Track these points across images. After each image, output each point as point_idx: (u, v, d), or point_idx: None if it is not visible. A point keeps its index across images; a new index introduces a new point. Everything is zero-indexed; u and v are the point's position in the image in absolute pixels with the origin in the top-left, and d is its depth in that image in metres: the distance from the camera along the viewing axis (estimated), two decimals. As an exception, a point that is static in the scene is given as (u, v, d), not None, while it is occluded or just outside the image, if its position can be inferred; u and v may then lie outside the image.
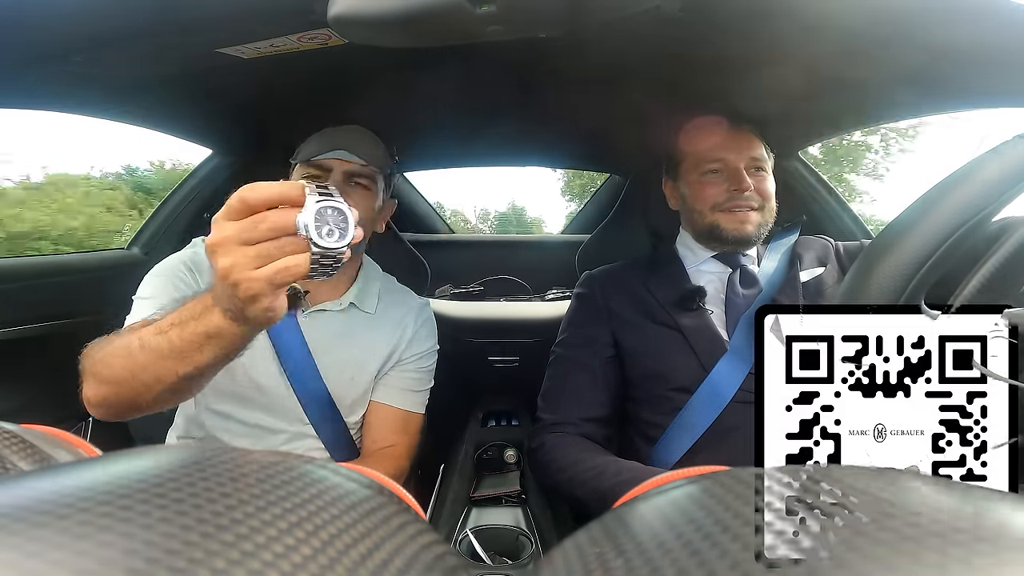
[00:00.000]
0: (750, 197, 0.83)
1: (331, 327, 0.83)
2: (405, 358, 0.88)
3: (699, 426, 0.76)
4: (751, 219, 0.84)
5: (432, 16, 0.51)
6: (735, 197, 0.83)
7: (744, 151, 0.85)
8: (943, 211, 0.40)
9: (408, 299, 0.94)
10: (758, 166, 0.85)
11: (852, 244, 0.92)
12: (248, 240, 0.42)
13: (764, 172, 0.86)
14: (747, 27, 0.65)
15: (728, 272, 0.87)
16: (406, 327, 0.88)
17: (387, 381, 0.87)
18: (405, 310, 0.91)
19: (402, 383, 0.88)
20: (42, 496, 0.16)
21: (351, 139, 0.81)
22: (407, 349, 0.88)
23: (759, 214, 0.84)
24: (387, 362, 0.87)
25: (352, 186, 0.80)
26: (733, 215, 0.84)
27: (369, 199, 0.82)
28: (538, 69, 0.82)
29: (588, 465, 0.74)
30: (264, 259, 0.42)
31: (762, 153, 0.86)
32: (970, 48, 0.62)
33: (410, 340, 0.88)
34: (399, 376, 0.88)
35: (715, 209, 0.85)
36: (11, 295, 1.02)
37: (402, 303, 0.92)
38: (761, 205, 0.85)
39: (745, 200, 0.83)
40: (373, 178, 0.82)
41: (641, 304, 0.87)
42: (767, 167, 0.87)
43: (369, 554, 0.16)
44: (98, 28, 0.61)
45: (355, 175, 0.80)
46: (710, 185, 0.85)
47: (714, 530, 0.18)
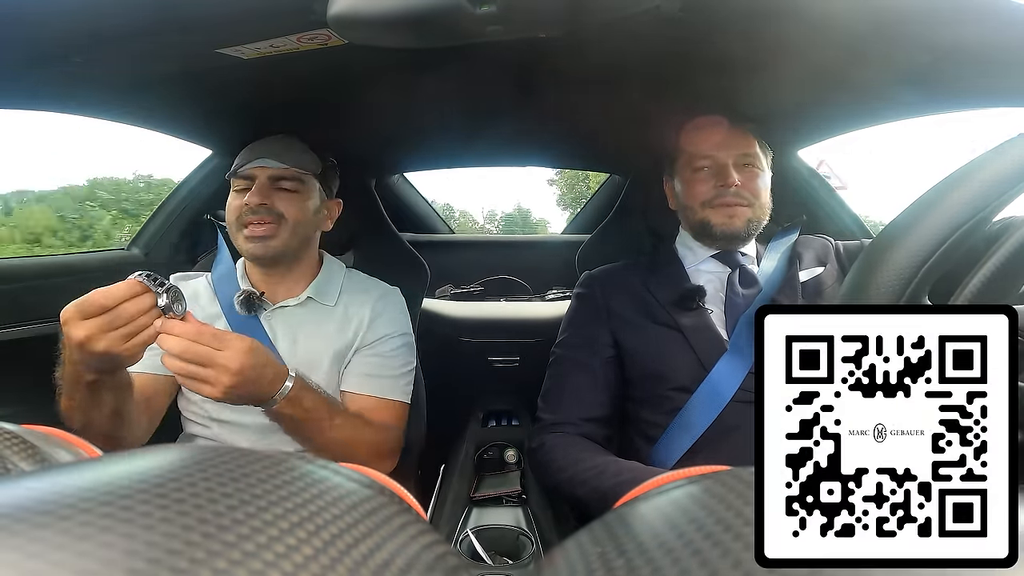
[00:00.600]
0: (737, 193, 0.83)
1: (290, 321, 0.87)
2: (366, 343, 0.88)
3: (699, 426, 0.76)
4: (739, 214, 0.84)
5: (432, 16, 0.51)
6: (722, 193, 0.84)
7: (732, 148, 0.85)
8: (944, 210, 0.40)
9: (371, 288, 0.94)
10: (747, 162, 0.85)
11: (852, 243, 0.92)
12: (112, 326, 0.58)
13: (755, 169, 0.85)
14: (748, 27, 0.65)
15: (727, 272, 0.87)
16: (364, 314, 0.89)
17: (350, 369, 0.88)
18: (365, 298, 0.91)
19: (365, 368, 0.87)
20: (43, 496, 0.16)
21: (274, 147, 0.86)
22: (367, 334, 0.88)
23: (749, 210, 0.84)
24: (349, 350, 0.87)
25: (276, 190, 0.85)
26: (721, 210, 0.84)
27: (297, 200, 0.86)
28: (538, 69, 0.82)
29: (588, 464, 0.74)
30: (128, 336, 0.59)
31: (754, 150, 0.86)
32: (974, 47, 0.61)
33: (369, 324, 0.88)
34: (361, 362, 0.88)
35: (705, 205, 0.85)
36: (11, 295, 1.02)
37: (364, 292, 0.93)
38: (751, 201, 0.84)
39: (732, 196, 0.83)
40: (300, 180, 0.87)
41: (641, 304, 0.87)
42: (760, 164, 0.86)
43: (370, 554, 0.16)
44: (98, 27, 0.60)
45: (279, 179, 0.85)
46: (699, 182, 0.86)
47: (715, 529, 0.18)
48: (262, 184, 0.84)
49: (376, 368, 0.88)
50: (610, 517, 0.22)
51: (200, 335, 0.62)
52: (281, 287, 0.89)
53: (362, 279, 0.96)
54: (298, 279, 0.90)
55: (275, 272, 0.89)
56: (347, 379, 0.88)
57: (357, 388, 0.87)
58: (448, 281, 1.66)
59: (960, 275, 0.40)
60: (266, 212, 0.83)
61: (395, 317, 0.92)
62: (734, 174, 0.83)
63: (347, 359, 0.88)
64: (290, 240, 0.85)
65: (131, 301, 0.59)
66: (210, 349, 0.62)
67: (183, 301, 0.63)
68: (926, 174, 3.76)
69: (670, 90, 0.90)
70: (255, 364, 0.65)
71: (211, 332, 0.63)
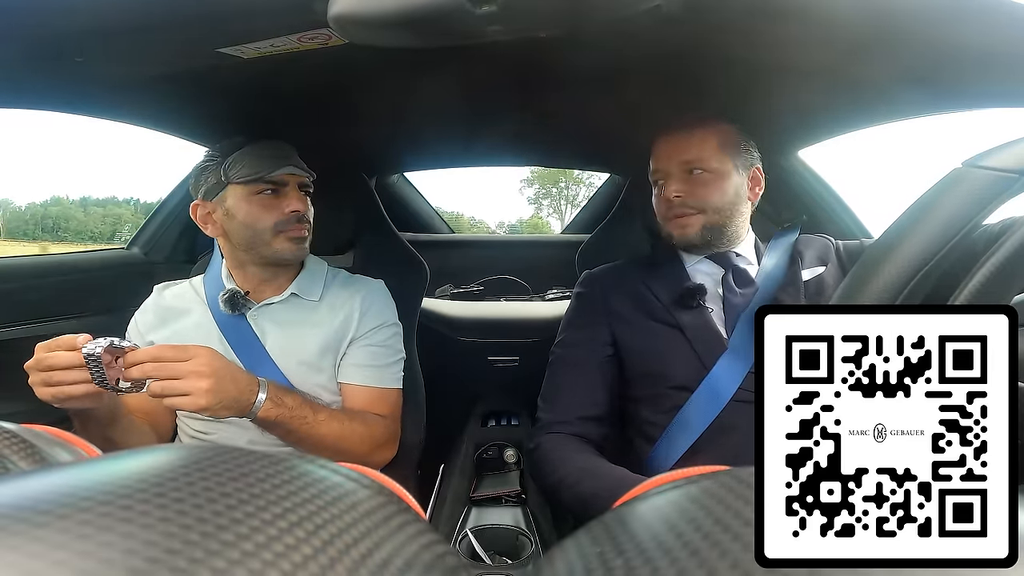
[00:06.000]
0: (683, 203, 0.82)
1: (275, 317, 0.89)
2: (360, 335, 0.90)
3: (698, 425, 0.76)
4: (691, 223, 0.83)
5: (432, 16, 0.51)
6: (669, 207, 0.84)
7: (674, 156, 0.83)
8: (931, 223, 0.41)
9: (357, 282, 0.96)
10: (692, 167, 0.82)
11: (852, 243, 0.92)
12: (35, 369, 0.63)
13: (705, 173, 0.82)
14: (749, 27, 0.64)
15: (722, 273, 0.87)
16: (354, 306, 0.90)
17: (347, 360, 0.89)
18: (352, 291, 0.93)
19: (362, 359, 0.90)
20: (43, 496, 0.16)
21: (285, 152, 0.88)
22: (360, 325, 0.90)
23: (702, 216, 0.82)
24: (339, 342, 0.89)
25: (304, 195, 0.88)
26: (673, 222, 0.84)
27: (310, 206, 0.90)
28: (538, 69, 0.82)
29: (572, 468, 0.74)
30: (46, 383, 0.63)
31: (700, 154, 0.82)
32: (975, 47, 0.61)
33: (362, 316, 0.90)
34: (358, 353, 0.90)
35: (664, 219, 0.86)
36: (11, 295, 1.02)
37: (349, 285, 0.95)
38: (701, 208, 0.82)
39: (678, 207, 0.83)
40: (312, 185, 0.91)
41: (641, 303, 0.87)
42: (710, 166, 0.82)
43: (369, 554, 0.16)
44: (98, 26, 0.60)
45: (304, 186, 0.89)
46: (656, 197, 0.87)
47: (714, 530, 0.18)
48: (296, 190, 0.87)
49: (371, 358, 0.90)
50: (609, 517, 0.22)
51: (161, 353, 0.65)
52: (270, 286, 0.90)
53: (345, 276, 0.98)
54: (284, 278, 0.91)
55: (272, 272, 0.90)
56: (344, 371, 0.89)
57: (354, 379, 0.89)
58: (448, 281, 1.66)
59: (960, 275, 0.40)
60: (305, 219, 0.87)
61: (384, 308, 0.94)
62: (673, 185, 0.82)
63: (341, 351, 0.89)
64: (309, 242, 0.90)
65: (55, 354, 0.63)
66: (176, 362, 0.65)
67: (125, 343, 0.66)
68: (926, 174, 3.76)
69: (670, 90, 0.90)
70: (225, 365, 0.68)
71: (170, 347, 0.66)
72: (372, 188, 1.22)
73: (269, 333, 0.87)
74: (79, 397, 0.64)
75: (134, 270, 1.23)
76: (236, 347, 0.85)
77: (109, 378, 0.63)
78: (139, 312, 0.91)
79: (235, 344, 0.85)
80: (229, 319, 0.86)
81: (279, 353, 0.86)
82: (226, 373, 0.67)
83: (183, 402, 0.64)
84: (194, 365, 0.65)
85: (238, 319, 0.87)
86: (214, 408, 0.66)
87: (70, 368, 0.62)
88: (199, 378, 0.64)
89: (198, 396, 0.64)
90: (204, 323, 0.87)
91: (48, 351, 0.63)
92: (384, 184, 1.81)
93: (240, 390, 0.69)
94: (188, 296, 0.92)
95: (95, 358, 0.62)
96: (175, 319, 0.88)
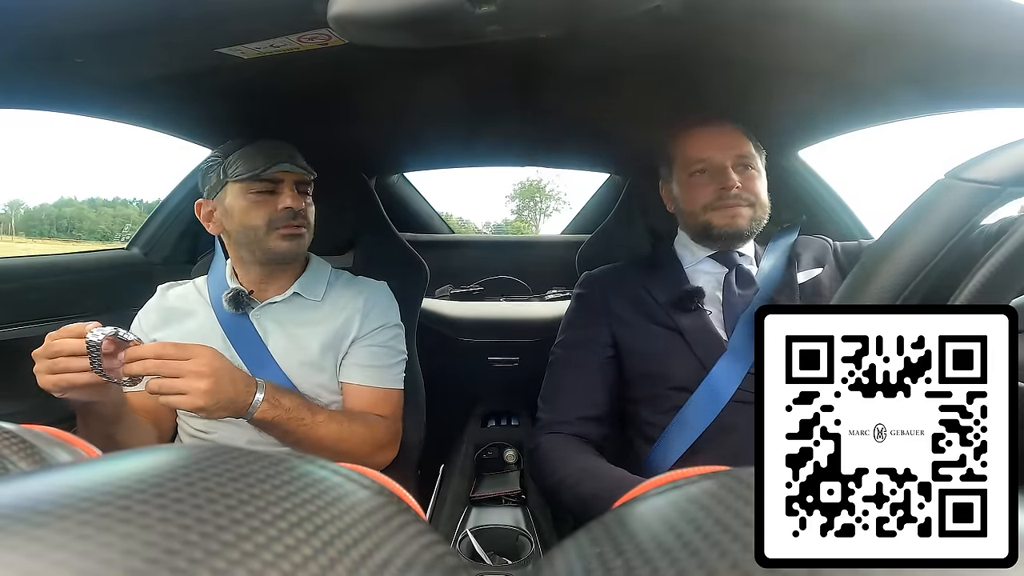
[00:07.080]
0: (738, 195, 0.83)
1: (277, 316, 0.89)
2: (363, 335, 0.90)
3: (698, 426, 0.76)
4: (742, 214, 0.84)
5: (432, 16, 0.51)
6: (723, 196, 0.83)
7: (729, 149, 0.85)
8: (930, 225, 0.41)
9: (360, 283, 0.96)
10: (745, 164, 0.85)
11: (850, 244, 0.92)
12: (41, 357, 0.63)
13: (753, 170, 0.85)
14: (748, 27, 0.64)
15: (724, 272, 0.87)
16: (357, 306, 0.90)
17: (349, 360, 0.89)
18: (355, 292, 0.93)
19: (364, 359, 0.89)
20: (42, 496, 0.16)
21: (284, 151, 0.87)
22: (363, 326, 0.90)
23: (751, 210, 0.84)
24: (342, 341, 0.89)
25: (302, 194, 0.88)
26: (724, 212, 0.84)
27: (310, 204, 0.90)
28: (538, 69, 0.82)
29: (571, 468, 0.74)
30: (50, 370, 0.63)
31: (749, 151, 0.86)
32: (974, 47, 0.61)
33: (364, 316, 0.90)
34: (360, 353, 0.90)
35: (707, 208, 0.85)
36: (11, 295, 1.02)
37: (353, 286, 0.95)
38: (752, 202, 0.84)
39: (733, 198, 0.83)
40: (311, 183, 0.90)
41: (640, 304, 0.87)
42: (756, 164, 0.86)
43: (369, 554, 0.16)
44: (98, 27, 0.60)
45: (299, 182, 0.88)
46: (699, 186, 0.86)
47: (714, 530, 0.18)
48: (291, 188, 0.86)
49: (373, 358, 0.90)
50: (609, 518, 0.22)
51: (163, 350, 0.65)
52: (273, 286, 0.90)
53: (349, 277, 0.98)
54: (287, 277, 0.92)
55: (272, 271, 0.90)
56: (346, 370, 0.89)
57: (356, 379, 0.89)
58: (448, 281, 1.66)
59: (960, 275, 0.40)
60: (300, 215, 0.87)
61: (387, 309, 0.94)
62: (734, 176, 0.83)
63: (343, 351, 0.89)
64: (309, 240, 0.90)
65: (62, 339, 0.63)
66: (177, 360, 0.65)
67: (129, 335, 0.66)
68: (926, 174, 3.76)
69: (670, 90, 0.90)
70: (225, 365, 0.68)
71: (172, 345, 0.66)
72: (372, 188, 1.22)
73: (271, 332, 0.87)
74: (81, 387, 0.63)
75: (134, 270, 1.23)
76: (238, 346, 0.85)
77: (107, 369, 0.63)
78: (142, 312, 0.91)
79: (237, 343, 0.85)
80: (232, 318, 0.86)
81: (281, 352, 0.86)
82: (225, 374, 0.67)
83: (180, 401, 0.64)
84: (194, 365, 0.65)
85: (241, 318, 0.87)
86: (211, 408, 0.66)
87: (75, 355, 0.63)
88: (198, 378, 0.65)
89: (196, 396, 0.64)
90: (207, 323, 0.87)
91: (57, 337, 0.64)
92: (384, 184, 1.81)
93: (238, 391, 0.69)
94: (192, 297, 0.92)
95: (95, 345, 0.62)
96: (179, 320, 0.89)
